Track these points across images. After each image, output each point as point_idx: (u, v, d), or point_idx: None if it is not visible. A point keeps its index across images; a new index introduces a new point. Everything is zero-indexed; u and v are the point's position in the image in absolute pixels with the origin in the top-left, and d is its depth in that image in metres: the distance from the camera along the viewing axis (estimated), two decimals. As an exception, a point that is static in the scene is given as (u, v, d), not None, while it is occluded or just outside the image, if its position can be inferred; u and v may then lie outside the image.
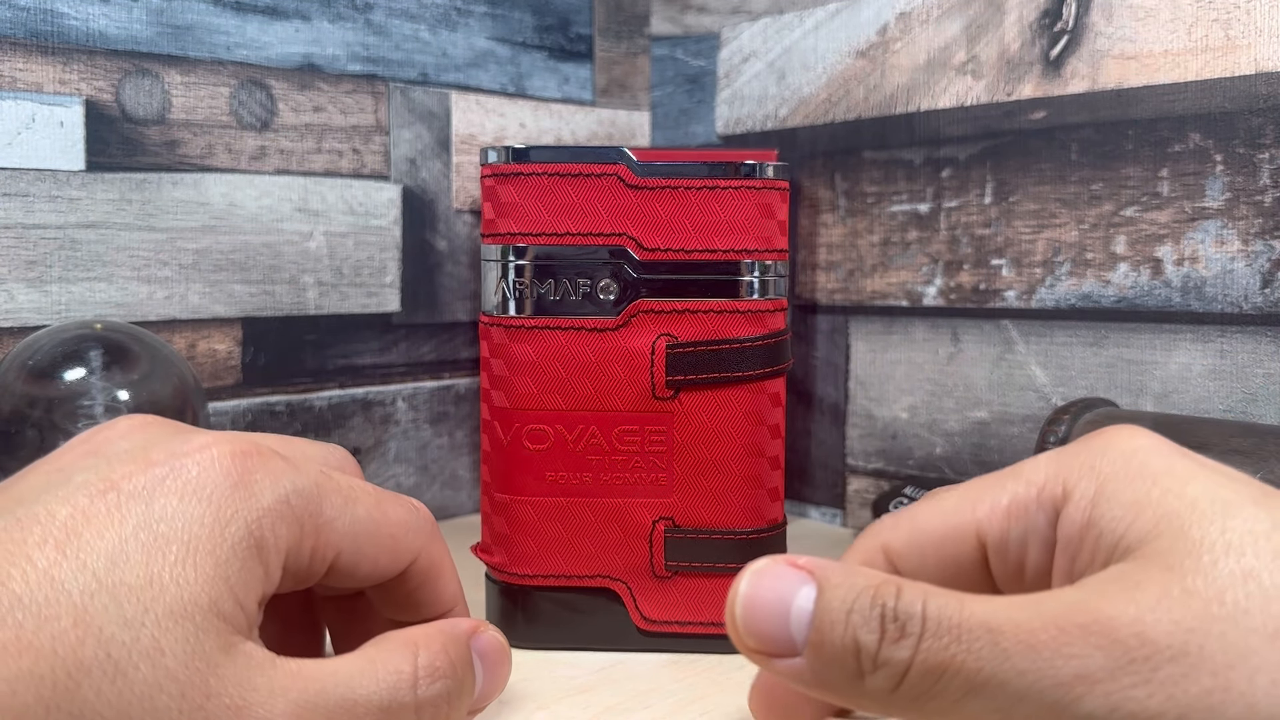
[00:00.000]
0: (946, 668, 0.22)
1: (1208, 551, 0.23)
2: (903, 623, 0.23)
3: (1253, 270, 0.44)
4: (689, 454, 0.39)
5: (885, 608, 0.23)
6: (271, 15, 0.52)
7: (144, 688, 0.23)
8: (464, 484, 0.60)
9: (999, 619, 0.23)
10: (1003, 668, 0.22)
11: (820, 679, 0.24)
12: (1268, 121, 0.43)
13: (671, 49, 0.65)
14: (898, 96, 0.55)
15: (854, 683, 0.23)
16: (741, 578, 0.25)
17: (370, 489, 0.29)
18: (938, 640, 0.23)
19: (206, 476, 0.25)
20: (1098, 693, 0.22)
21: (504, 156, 0.39)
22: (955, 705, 0.23)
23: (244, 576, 0.25)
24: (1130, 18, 0.47)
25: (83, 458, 0.26)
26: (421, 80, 0.57)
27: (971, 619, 0.23)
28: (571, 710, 0.34)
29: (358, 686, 0.26)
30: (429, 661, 0.27)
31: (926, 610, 0.23)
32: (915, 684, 0.23)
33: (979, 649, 0.22)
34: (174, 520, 0.24)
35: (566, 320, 0.38)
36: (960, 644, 0.22)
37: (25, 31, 0.45)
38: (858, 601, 0.23)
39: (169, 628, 0.23)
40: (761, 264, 0.38)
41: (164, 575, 0.24)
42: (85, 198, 0.47)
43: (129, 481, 0.25)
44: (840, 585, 0.24)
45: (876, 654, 0.23)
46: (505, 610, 0.40)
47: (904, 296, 0.55)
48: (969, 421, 0.53)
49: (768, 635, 0.24)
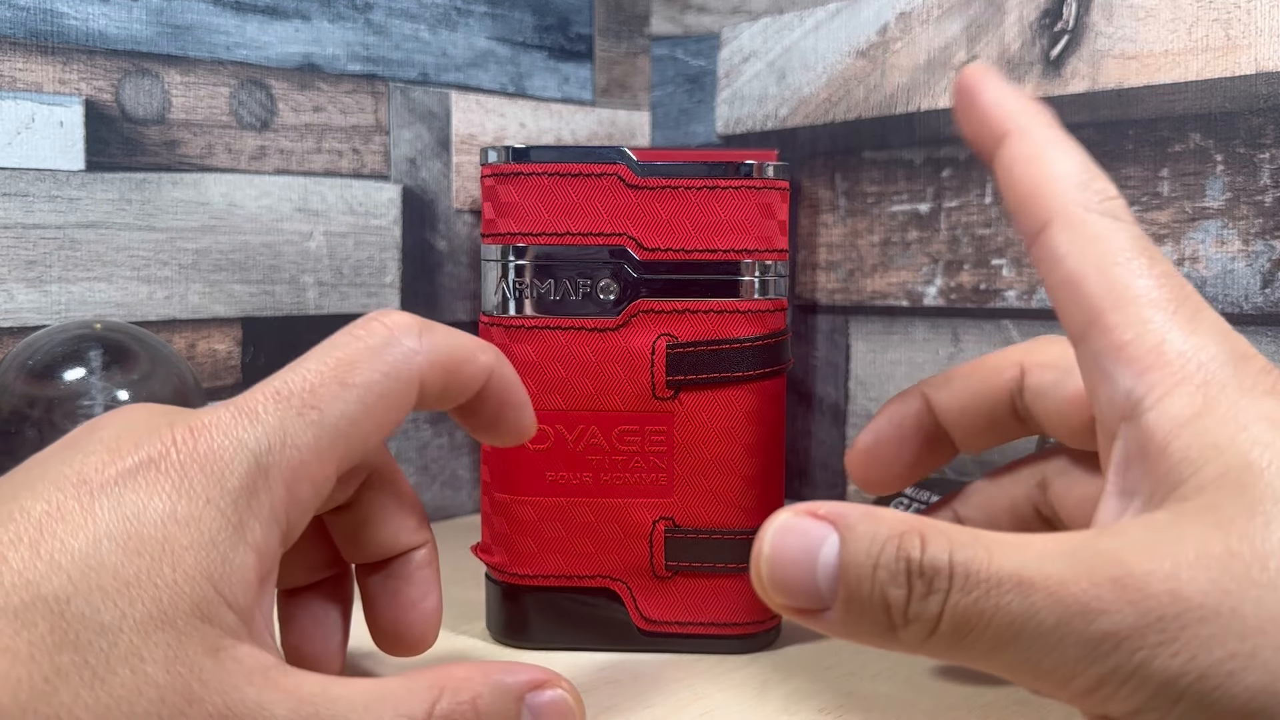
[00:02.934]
0: (976, 622, 0.22)
1: (1263, 512, 0.22)
2: (929, 577, 0.22)
3: (1253, 270, 0.44)
4: (689, 454, 0.39)
5: (911, 561, 0.23)
6: (271, 15, 0.52)
7: (124, 693, 0.22)
8: (464, 484, 0.60)
9: (1029, 571, 0.22)
10: (1032, 622, 0.22)
11: (853, 632, 0.24)
12: (1268, 121, 0.43)
13: (671, 49, 0.65)
14: (898, 96, 0.55)
15: (887, 635, 0.23)
16: (764, 535, 0.24)
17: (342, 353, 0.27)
18: (966, 595, 0.22)
19: (173, 464, 0.24)
20: (1123, 650, 0.22)
21: (504, 156, 0.39)
22: (986, 655, 0.23)
23: (227, 569, 0.24)
24: (1130, 18, 0.47)
25: (61, 450, 0.26)
26: (421, 80, 0.57)
27: (1000, 571, 0.22)
28: (571, 710, 0.34)
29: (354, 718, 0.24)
30: (449, 709, 0.25)
31: (954, 562, 0.22)
32: (946, 636, 0.23)
33: (1008, 603, 0.22)
34: (146, 516, 0.23)
35: (566, 320, 0.38)
36: (989, 598, 0.22)
37: (25, 31, 0.45)
38: (883, 555, 0.23)
39: (149, 634, 0.22)
40: (762, 264, 0.38)
41: (141, 577, 0.23)
42: (85, 197, 0.47)
43: (99, 474, 0.24)
44: (863, 534, 0.23)
45: (906, 609, 0.23)
46: (505, 610, 0.40)
47: (904, 296, 0.55)
48: (969, 421, 0.53)
49: (796, 591, 0.24)
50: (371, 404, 0.27)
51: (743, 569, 0.39)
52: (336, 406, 0.26)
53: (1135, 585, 0.22)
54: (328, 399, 0.26)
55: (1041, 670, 0.22)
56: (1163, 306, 0.25)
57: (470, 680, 0.25)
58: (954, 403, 0.34)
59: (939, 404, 0.34)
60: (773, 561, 0.24)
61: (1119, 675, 0.22)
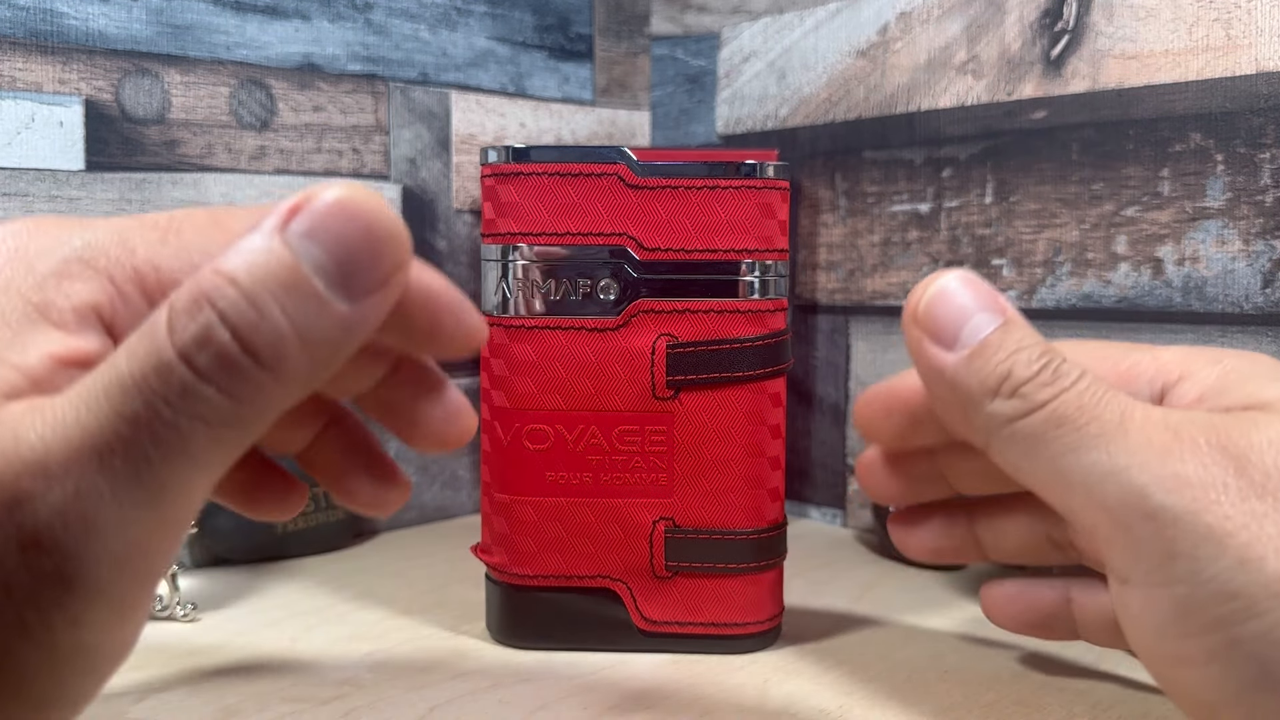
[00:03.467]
0: (1069, 421, 0.25)
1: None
2: (1060, 374, 0.26)
3: (1254, 270, 0.44)
4: (689, 454, 0.39)
5: (1052, 359, 0.26)
6: (271, 15, 0.52)
7: None
8: (464, 484, 0.60)
9: (1133, 409, 0.25)
10: (1115, 443, 0.25)
11: (956, 380, 0.27)
12: (1268, 121, 0.43)
13: (671, 49, 0.65)
14: (898, 96, 0.55)
15: (981, 399, 0.26)
16: (949, 272, 0.28)
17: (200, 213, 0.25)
18: (1078, 399, 0.25)
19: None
20: (1185, 494, 0.24)
21: (504, 156, 0.39)
22: (1054, 458, 0.25)
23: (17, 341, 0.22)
24: (1131, 17, 0.47)
25: None
26: (421, 80, 0.57)
27: (1114, 400, 0.26)
28: (571, 710, 0.34)
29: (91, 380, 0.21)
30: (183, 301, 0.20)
31: (1081, 376, 0.26)
32: (1035, 424, 0.26)
33: (1106, 420, 0.25)
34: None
35: (567, 320, 0.38)
36: (1095, 409, 0.25)
37: (25, 31, 0.45)
38: (1031, 346, 0.26)
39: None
40: (762, 264, 0.38)
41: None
42: (85, 197, 0.47)
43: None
44: (1022, 330, 0.27)
45: (1021, 385, 0.26)
46: (505, 610, 0.40)
47: (904, 296, 0.55)
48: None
49: (940, 322, 0.27)
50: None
51: (743, 569, 0.39)
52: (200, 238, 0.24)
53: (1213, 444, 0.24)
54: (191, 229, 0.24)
55: (1096, 492, 0.25)
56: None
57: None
58: None
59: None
60: (943, 291, 0.28)
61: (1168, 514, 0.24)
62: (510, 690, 0.36)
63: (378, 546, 0.54)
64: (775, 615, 0.40)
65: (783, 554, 0.40)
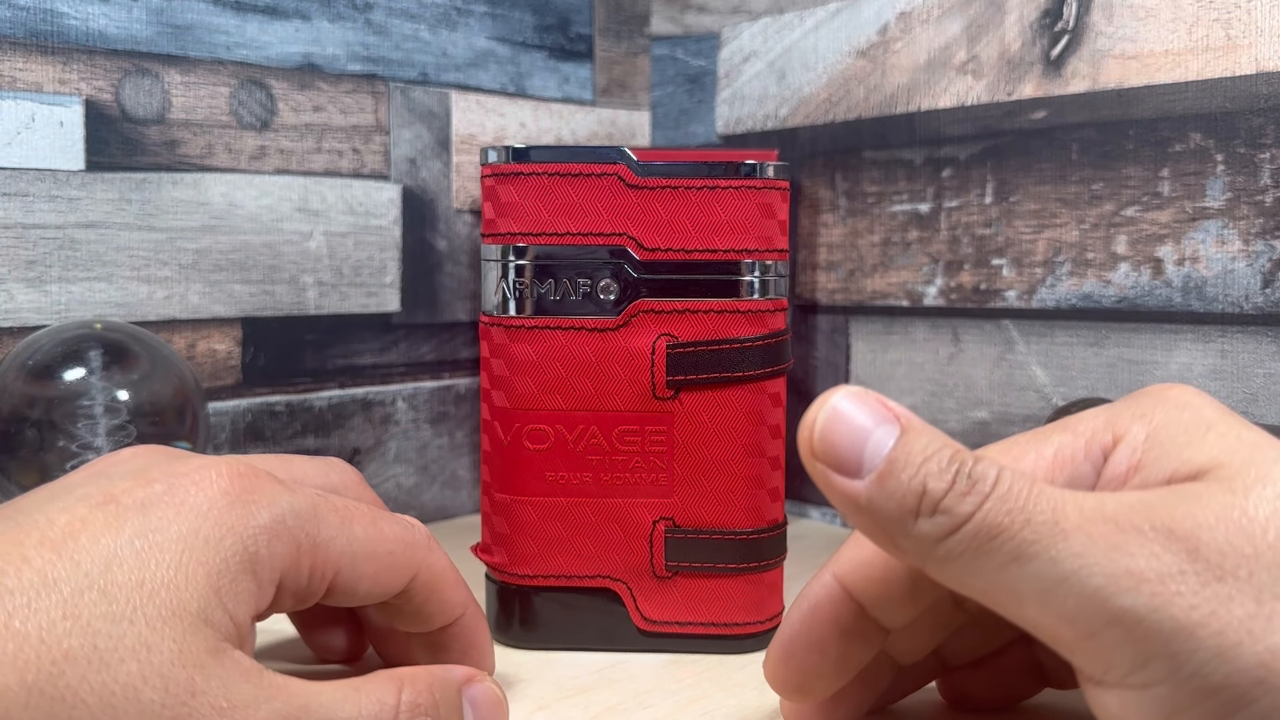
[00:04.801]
0: (1003, 531, 0.23)
1: (1272, 485, 0.23)
2: (975, 481, 0.24)
3: (1254, 270, 0.44)
4: (689, 454, 0.39)
5: (962, 464, 0.24)
6: (271, 15, 0.52)
7: (129, 680, 0.23)
8: (464, 484, 0.60)
9: (1065, 504, 0.23)
10: (1056, 546, 0.23)
11: (873, 508, 0.24)
12: (1268, 121, 0.43)
13: (671, 49, 0.65)
14: (898, 96, 0.55)
15: (904, 522, 0.24)
16: (835, 392, 0.25)
17: (366, 509, 0.30)
18: (1003, 504, 0.23)
19: (204, 494, 0.26)
20: (1144, 591, 0.22)
21: (504, 156, 0.39)
22: (995, 571, 0.23)
23: (235, 589, 0.26)
24: (1131, 17, 0.47)
25: (87, 477, 0.27)
26: (421, 80, 0.57)
27: (1040, 497, 0.23)
28: (571, 710, 0.34)
29: (339, 709, 0.26)
30: (412, 698, 0.28)
31: (1000, 477, 0.24)
32: (966, 539, 0.24)
33: (1039, 523, 0.23)
34: (169, 531, 0.25)
35: (567, 320, 0.38)
36: (1023, 514, 0.23)
37: (25, 31, 0.45)
38: (937, 453, 0.24)
39: (158, 626, 0.24)
40: (762, 264, 0.38)
41: (156, 578, 0.24)
42: (85, 197, 0.47)
43: (128, 495, 0.26)
44: (923, 436, 0.24)
45: (939, 501, 0.24)
46: (505, 610, 0.40)
47: (904, 296, 0.55)
48: (970, 421, 0.53)
49: (840, 450, 0.25)
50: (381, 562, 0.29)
51: (743, 569, 0.39)
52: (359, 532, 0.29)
53: (1161, 535, 0.23)
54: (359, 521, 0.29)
55: (1051, 601, 0.23)
56: None
57: (419, 674, 0.28)
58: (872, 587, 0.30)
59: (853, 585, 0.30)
60: (833, 415, 0.25)
61: (1132, 616, 0.22)
62: (510, 690, 0.36)
63: (378, 546, 0.54)
64: (775, 615, 0.40)
65: (783, 554, 0.40)
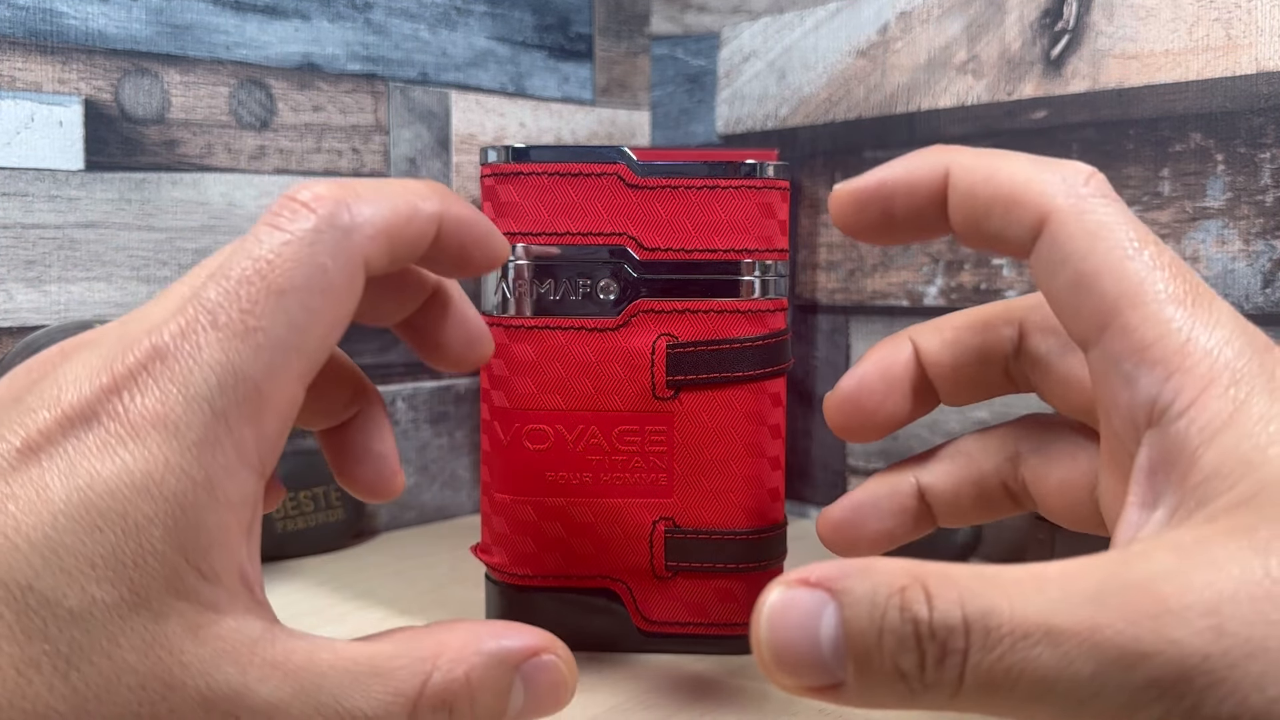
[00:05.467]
0: (1004, 680, 0.20)
1: None
2: (942, 639, 0.20)
3: (1254, 270, 0.44)
4: (689, 454, 0.39)
5: (919, 623, 0.20)
6: (271, 14, 0.52)
7: (100, 681, 0.21)
8: (464, 484, 0.60)
9: (1058, 617, 0.20)
10: (1067, 674, 0.20)
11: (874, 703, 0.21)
12: (1269, 121, 0.43)
13: (671, 48, 0.65)
14: (898, 96, 0.55)
15: (909, 701, 0.21)
16: (760, 615, 0.21)
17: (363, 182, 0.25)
18: (988, 653, 0.20)
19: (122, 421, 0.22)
20: (1169, 696, 0.19)
21: (504, 156, 0.38)
22: (1019, 708, 0.20)
23: (200, 537, 0.22)
24: (1131, 17, 0.47)
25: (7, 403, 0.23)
26: (421, 80, 0.57)
27: (1026, 621, 0.20)
28: (572, 710, 0.34)
29: (346, 697, 0.22)
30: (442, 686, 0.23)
31: (967, 619, 0.20)
32: (972, 695, 0.20)
33: (1038, 654, 0.20)
34: (101, 485, 0.21)
35: (566, 320, 0.38)
36: (1016, 652, 0.20)
37: (24, 31, 0.45)
38: (886, 619, 0.20)
39: (123, 618, 0.21)
40: (762, 264, 0.38)
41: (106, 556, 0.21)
42: (84, 197, 0.47)
43: (44, 436, 0.22)
44: (861, 597, 0.21)
45: (922, 675, 0.20)
46: (505, 610, 0.40)
47: (905, 296, 0.55)
48: (970, 421, 0.53)
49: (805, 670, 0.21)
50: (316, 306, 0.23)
51: (743, 569, 0.39)
52: (280, 319, 0.23)
53: (1176, 624, 0.19)
54: (268, 313, 0.23)
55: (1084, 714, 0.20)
56: (1181, 301, 0.23)
57: (464, 651, 0.24)
58: (944, 355, 0.32)
59: (928, 354, 0.32)
60: (773, 643, 0.21)
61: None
62: (510, 690, 0.35)
63: (377, 546, 0.54)
64: (775, 615, 0.40)
65: (783, 554, 0.40)
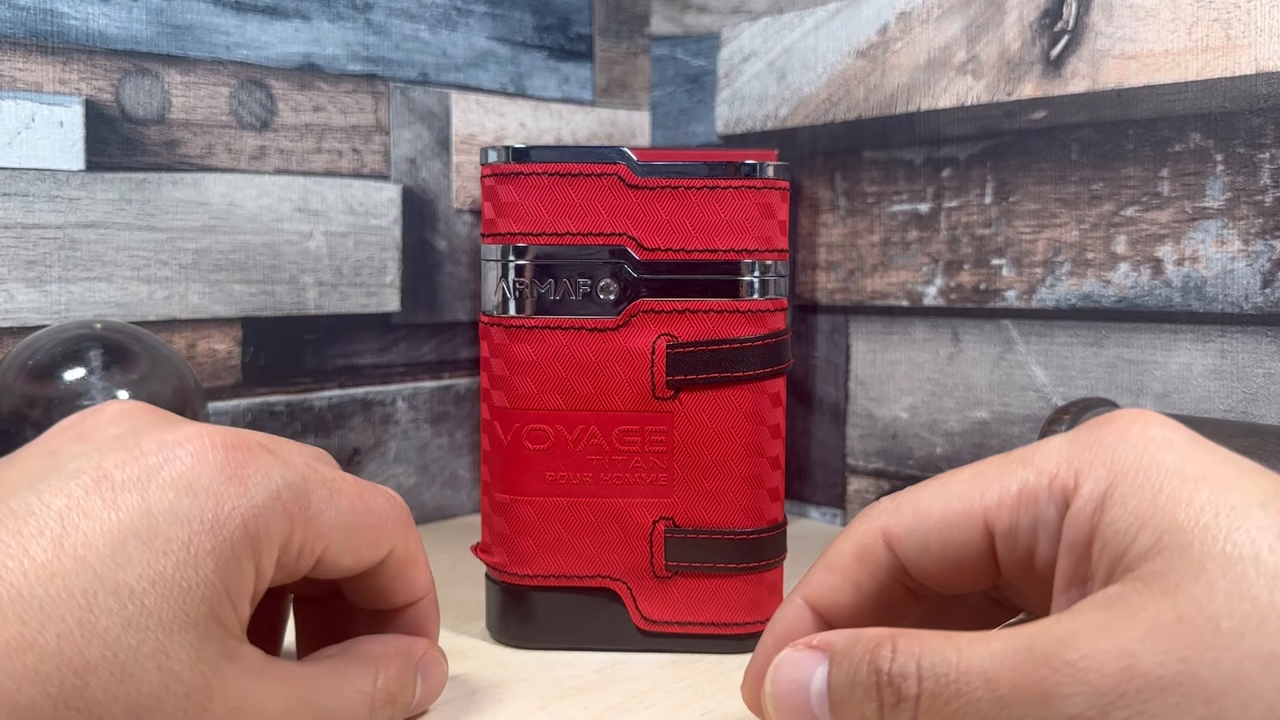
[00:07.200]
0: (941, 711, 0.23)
1: (1206, 571, 0.22)
2: (898, 687, 0.23)
3: (1253, 270, 0.44)
4: (689, 454, 0.39)
5: (881, 674, 0.24)
6: (271, 15, 0.52)
7: (152, 688, 0.23)
8: (464, 484, 0.60)
9: (995, 666, 0.23)
10: (1003, 714, 0.22)
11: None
12: (1268, 121, 0.43)
13: (671, 49, 0.65)
14: (898, 96, 0.55)
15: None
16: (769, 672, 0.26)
17: (351, 480, 0.30)
18: (936, 699, 0.23)
19: (200, 468, 0.25)
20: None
21: (504, 156, 0.39)
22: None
23: (240, 579, 0.25)
24: (1131, 17, 0.47)
25: (73, 443, 0.26)
26: (421, 80, 0.57)
27: (969, 671, 0.23)
28: (571, 710, 0.34)
29: (327, 699, 0.27)
30: (385, 685, 0.29)
31: (921, 669, 0.23)
32: None
33: (977, 700, 0.22)
34: (171, 515, 0.25)
35: (566, 320, 0.38)
36: (959, 699, 0.23)
37: (25, 31, 0.45)
38: (858, 671, 0.24)
39: (174, 632, 0.24)
40: (762, 264, 0.38)
41: (166, 575, 0.24)
42: (85, 197, 0.47)
43: (121, 470, 0.25)
44: (845, 655, 0.25)
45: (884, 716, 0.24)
46: (505, 610, 0.40)
47: (904, 296, 0.55)
48: (969, 421, 0.53)
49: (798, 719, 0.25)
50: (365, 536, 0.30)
51: (743, 569, 0.39)
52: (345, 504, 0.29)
53: (1091, 666, 0.22)
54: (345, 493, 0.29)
55: None
56: None
57: (391, 657, 0.30)
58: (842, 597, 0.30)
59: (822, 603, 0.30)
60: (775, 695, 0.26)
61: None
62: (510, 690, 0.36)
63: (378, 546, 0.54)
64: (775, 615, 0.40)
65: (783, 554, 0.40)
